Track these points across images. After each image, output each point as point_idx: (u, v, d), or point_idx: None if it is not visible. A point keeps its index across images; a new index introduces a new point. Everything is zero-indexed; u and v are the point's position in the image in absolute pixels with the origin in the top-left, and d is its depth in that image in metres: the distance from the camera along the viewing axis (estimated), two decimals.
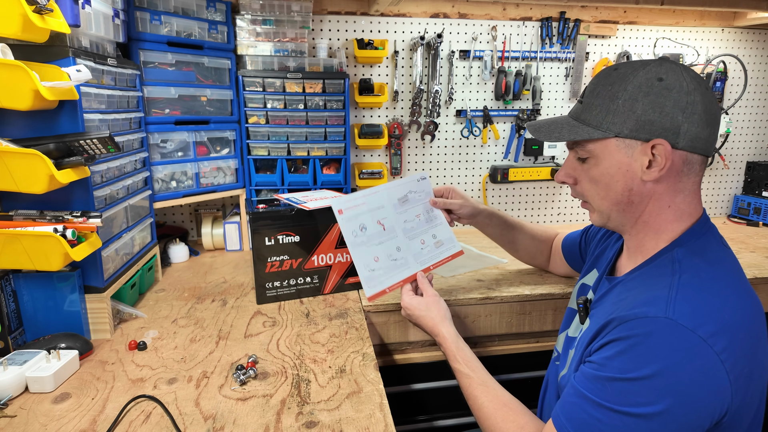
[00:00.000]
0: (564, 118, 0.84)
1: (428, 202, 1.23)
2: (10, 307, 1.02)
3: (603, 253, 0.97)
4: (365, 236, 1.13)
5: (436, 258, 1.20)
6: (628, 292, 0.76)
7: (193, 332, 1.16)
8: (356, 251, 1.11)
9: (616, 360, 0.67)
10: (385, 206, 1.18)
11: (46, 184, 0.92)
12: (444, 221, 1.24)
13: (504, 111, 2.03)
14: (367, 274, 1.11)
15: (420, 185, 1.23)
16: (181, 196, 1.60)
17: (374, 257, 1.13)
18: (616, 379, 0.66)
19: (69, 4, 1.00)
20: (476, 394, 0.89)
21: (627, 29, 2.04)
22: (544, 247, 1.37)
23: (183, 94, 1.55)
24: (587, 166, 0.80)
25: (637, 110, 0.73)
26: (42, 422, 0.83)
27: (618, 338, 0.68)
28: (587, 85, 0.82)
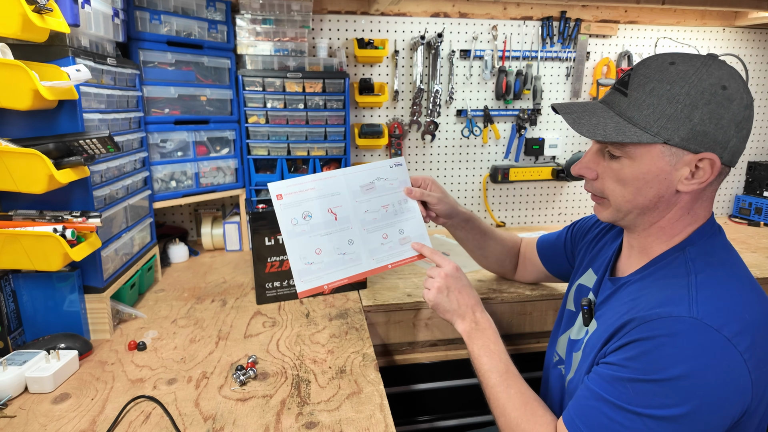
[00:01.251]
0: (600, 106, 0.76)
1: (401, 191, 1.09)
2: (9, 307, 1.02)
3: (599, 254, 0.95)
4: (308, 225, 1.00)
5: (398, 256, 1.06)
6: (641, 292, 0.74)
7: (193, 332, 1.16)
8: (292, 241, 0.99)
9: (638, 361, 0.65)
10: (342, 193, 1.04)
11: (45, 184, 0.92)
12: (417, 215, 1.10)
13: (505, 111, 2.02)
14: (303, 267, 0.99)
15: (393, 172, 1.09)
16: (180, 196, 1.60)
17: (316, 249, 1.00)
18: (640, 380, 0.64)
19: (68, 4, 0.99)
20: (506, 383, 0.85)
21: (628, 29, 2.04)
22: (512, 254, 1.31)
23: (183, 93, 1.55)
24: (617, 165, 0.74)
25: (694, 118, 0.67)
26: (42, 422, 0.83)
27: (639, 338, 0.66)
28: (632, 74, 0.73)
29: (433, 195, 1.11)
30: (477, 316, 0.96)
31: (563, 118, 0.77)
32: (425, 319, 1.31)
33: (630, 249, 0.84)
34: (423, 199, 1.11)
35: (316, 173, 1.04)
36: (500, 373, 0.86)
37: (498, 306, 1.33)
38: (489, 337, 0.93)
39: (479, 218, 1.25)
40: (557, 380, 0.93)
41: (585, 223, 1.08)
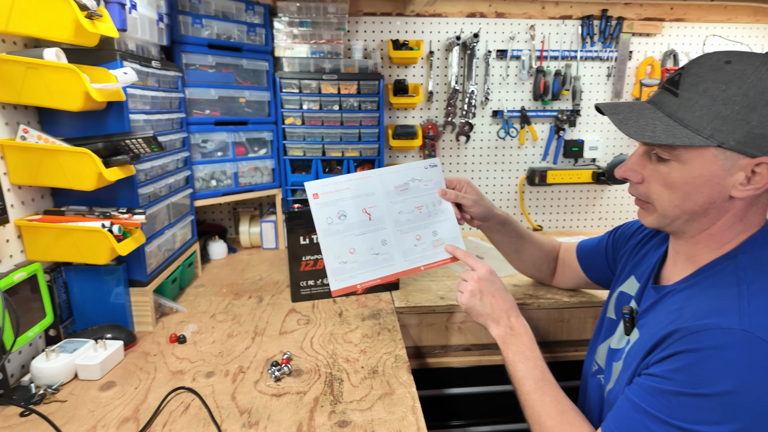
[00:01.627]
0: (648, 107, 0.73)
1: (436, 192, 1.08)
2: (61, 297, 1.08)
3: (642, 260, 0.91)
4: (343, 224, 1.01)
5: (431, 258, 1.05)
6: (687, 301, 0.71)
7: (231, 327, 1.19)
8: (327, 240, 0.99)
9: (683, 373, 0.62)
10: (377, 193, 1.04)
11: (95, 182, 0.96)
12: (451, 217, 1.08)
13: (542, 111, 1.98)
14: (337, 266, 0.99)
15: (428, 173, 1.07)
16: (220, 195, 1.64)
17: (350, 249, 1.00)
18: (685, 393, 0.61)
19: (117, 10, 1.04)
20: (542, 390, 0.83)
21: (674, 27, 1.96)
22: (551, 258, 1.27)
23: (223, 95, 1.60)
24: (665, 168, 0.71)
25: (752, 120, 0.63)
26: (89, 408, 0.87)
27: (685, 350, 0.63)
28: (683, 73, 0.70)
29: (468, 197, 1.10)
30: (512, 320, 0.94)
31: (609, 118, 0.74)
32: (458, 323, 1.29)
33: (676, 256, 0.81)
34: (458, 201, 1.10)
35: (351, 173, 1.04)
36: (536, 380, 0.84)
37: (534, 312, 1.30)
38: (524, 343, 0.90)
39: (516, 221, 1.23)
40: (596, 390, 0.90)
41: (628, 229, 1.04)
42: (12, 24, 0.89)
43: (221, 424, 0.83)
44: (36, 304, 0.95)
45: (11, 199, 0.97)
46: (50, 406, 0.88)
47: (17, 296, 0.89)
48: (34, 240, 0.99)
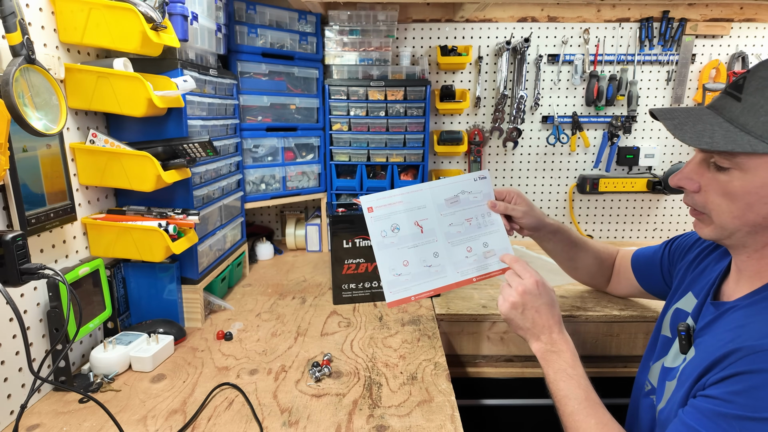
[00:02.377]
0: (708, 112, 0.69)
1: (485, 204, 1.07)
2: (119, 292, 1.14)
3: (701, 275, 0.86)
4: (396, 237, 1.02)
5: (483, 270, 1.04)
6: (749, 319, 0.66)
7: (275, 327, 1.22)
8: (382, 253, 1.01)
9: (746, 396, 0.58)
10: (428, 206, 1.05)
11: (154, 183, 1.02)
12: (501, 228, 1.07)
13: (595, 117, 1.91)
14: (391, 278, 1.00)
15: (477, 185, 1.08)
16: (269, 198, 1.70)
17: (403, 261, 1.01)
18: (747, 418, 0.58)
19: (180, 21, 1.10)
20: (585, 412, 0.78)
21: (743, 27, 1.84)
22: (606, 265, 1.23)
23: (274, 102, 1.65)
24: (725, 177, 0.67)
25: None
26: (141, 398, 0.92)
27: (747, 371, 0.59)
28: (748, 77, 0.66)
29: (518, 209, 1.08)
30: (554, 336, 0.88)
31: (663, 124, 0.70)
32: (500, 333, 1.26)
33: (739, 272, 0.75)
34: (507, 212, 1.08)
35: (404, 187, 1.06)
36: (579, 401, 0.79)
37: (582, 325, 1.25)
38: (566, 361, 0.85)
39: (569, 229, 1.20)
40: (648, 411, 0.85)
41: (685, 241, 0.98)
42: (87, 36, 0.97)
43: (263, 421, 0.85)
44: (97, 298, 1.02)
45: (79, 199, 1.04)
46: (106, 395, 0.93)
47: (81, 289, 0.96)
48: (97, 237, 1.06)
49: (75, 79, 0.98)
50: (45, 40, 0.94)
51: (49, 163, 0.92)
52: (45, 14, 0.94)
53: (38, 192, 0.89)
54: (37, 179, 0.89)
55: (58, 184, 0.95)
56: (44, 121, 0.83)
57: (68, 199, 0.98)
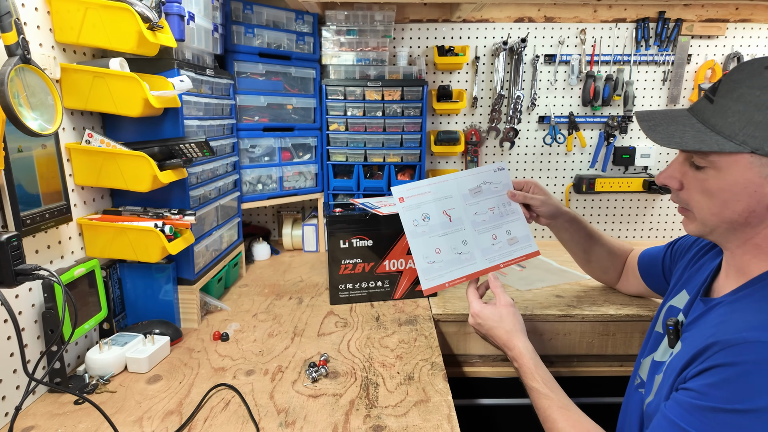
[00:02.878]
0: (684, 113, 0.72)
1: (505, 194, 1.13)
2: (115, 293, 1.14)
3: (696, 274, 0.88)
4: (427, 226, 1.07)
5: (508, 256, 1.10)
6: (731, 315, 0.68)
7: (271, 327, 1.22)
8: (415, 241, 1.06)
9: (721, 389, 0.60)
10: (454, 196, 1.11)
11: (150, 184, 1.02)
12: (521, 217, 1.14)
13: (592, 117, 1.92)
14: (426, 265, 1.05)
15: (497, 176, 1.14)
16: (265, 198, 1.69)
17: (436, 249, 1.06)
18: (722, 410, 0.59)
19: (177, 21, 1.10)
20: (555, 417, 0.82)
21: (739, 28, 1.85)
22: (618, 262, 1.26)
23: (271, 102, 1.65)
24: (702, 175, 0.70)
25: None
26: (137, 400, 0.92)
27: (723, 364, 0.61)
28: (723, 80, 0.69)
29: (536, 197, 1.14)
30: (513, 353, 0.94)
31: (639, 126, 0.74)
32: None
33: (728, 269, 0.77)
34: (525, 201, 1.15)
35: (431, 177, 1.12)
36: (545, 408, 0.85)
37: (578, 325, 1.25)
38: (527, 375, 0.90)
39: (586, 221, 1.24)
40: (637, 404, 0.86)
41: (686, 241, 1.01)
42: (83, 36, 0.96)
43: (259, 422, 0.85)
44: (92, 299, 1.02)
45: (75, 199, 1.04)
46: (101, 396, 0.93)
47: (76, 290, 0.96)
48: (93, 238, 1.06)
49: (71, 79, 0.98)
50: (41, 40, 0.93)
51: (44, 164, 0.92)
52: (41, 14, 0.93)
53: (33, 192, 0.89)
54: (32, 179, 0.89)
55: (53, 184, 0.95)
56: (40, 121, 0.82)
57: (64, 199, 0.97)
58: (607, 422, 0.94)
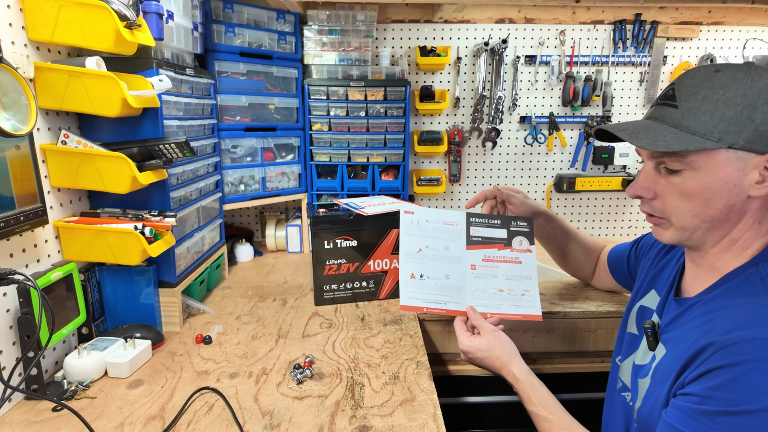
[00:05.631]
0: (652, 123, 0.73)
1: (518, 258, 1.11)
2: (94, 297, 1.12)
3: (661, 272, 0.89)
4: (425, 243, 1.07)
5: (503, 309, 1.05)
6: (715, 313, 0.69)
7: (255, 329, 1.20)
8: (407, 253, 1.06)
9: (725, 390, 0.60)
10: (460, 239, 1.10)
11: (129, 185, 1.00)
12: (534, 278, 1.09)
13: (572, 117, 1.95)
14: (409, 280, 1.04)
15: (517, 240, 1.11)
16: (248, 199, 1.68)
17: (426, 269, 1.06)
18: (729, 413, 0.59)
19: (155, 20, 1.08)
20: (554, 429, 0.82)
21: (711, 30, 1.90)
22: (592, 258, 1.29)
23: (253, 102, 1.63)
24: (679, 179, 0.70)
25: (756, 119, 0.65)
26: (118, 405, 0.90)
27: (723, 365, 0.60)
28: (676, 87, 0.72)
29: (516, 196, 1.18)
30: (509, 379, 0.93)
31: (619, 136, 0.74)
32: None
33: (695, 268, 0.78)
34: (505, 198, 1.18)
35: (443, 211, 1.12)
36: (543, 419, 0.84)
37: (561, 322, 1.27)
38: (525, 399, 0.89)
39: (562, 220, 1.28)
40: (622, 408, 0.87)
41: (650, 239, 1.02)
42: (57, 34, 0.94)
43: (244, 425, 0.84)
44: (70, 303, 0.99)
45: (51, 201, 1.01)
46: (81, 402, 0.91)
47: (53, 294, 0.93)
48: (70, 240, 1.03)
49: (45, 79, 0.95)
50: (13, 38, 0.91)
51: (18, 165, 0.89)
52: (13, 11, 0.91)
53: (7, 195, 0.86)
54: (5, 181, 0.86)
55: (28, 186, 0.92)
56: (12, 121, 0.80)
57: (39, 201, 0.95)
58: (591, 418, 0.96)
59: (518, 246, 1.11)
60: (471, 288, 1.06)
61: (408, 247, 1.07)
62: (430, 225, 1.09)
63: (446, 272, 1.06)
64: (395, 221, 1.31)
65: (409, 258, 1.06)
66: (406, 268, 1.05)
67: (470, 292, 1.06)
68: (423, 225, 1.09)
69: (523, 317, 1.05)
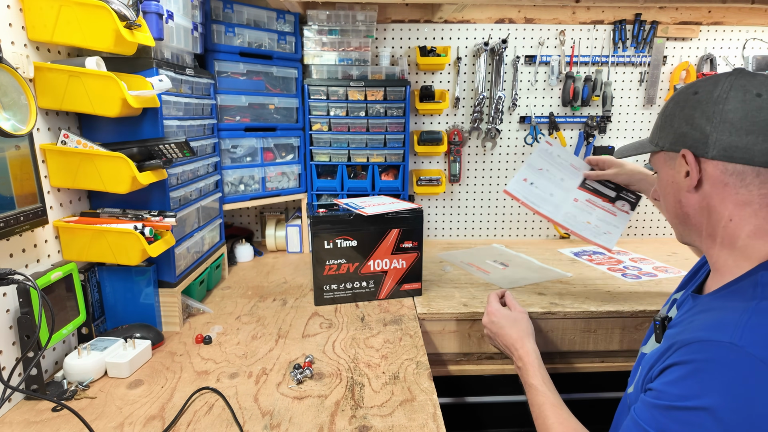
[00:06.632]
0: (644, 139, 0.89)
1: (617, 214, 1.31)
2: (94, 297, 1.12)
3: (700, 269, 0.92)
4: (545, 164, 1.31)
5: (583, 232, 1.27)
6: (700, 315, 0.71)
7: (255, 329, 1.20)
8: (531, 163, 1.31)
9: (674, 386, 0.63)
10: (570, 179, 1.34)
11: (129, 185, 1.00)
12: (622, 218, 1.30)
13: (572, 117, 1.95)
14: (521, 180, 1.29)
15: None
16: (248, 199, 1.68)
17: (537, 178, 1.30)
18: (674, 407, 0.61)
19: (155, 20, 1.08)
20: (547, 413, 0.86)
21: (711, 30, 1.90)
22: None
23: (253, 102, 1.63)
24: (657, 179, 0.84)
25: (674, 124, 0.77)
26: (118, 405, 0.90)
27: (677, 363, 0.64)
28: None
29: (607, 173, 1.29)
30: (520, 353, 1.01)
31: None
32: (481, 331, 1.27)
33: (711, 267, 0.80)
34: (601, 178, 1.31)
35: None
36: (539, 405, 0.89)
37: (560, 321, 1.27)
38: (530, 373, 0.96)
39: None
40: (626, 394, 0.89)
41: None
42: (57, 34, 0.94)
43: (244, 425, 0.84)
44: (70, 303, 0.99)
45: (51, 201, 1.01)
46: (81, 402, 0.91)
47: (53, 295, 0.93)
48: (70, 241, 1.03)
49: (45, 79, 0.95)
50: (13, 38, 0.91)
51: (18, 165, 0.89)
52: (13, 11, 0.91)
53: (7, 195, 0.86)
54: (5, 182, 0.86)
55: (27, 186, 0.92)
56: (12, 121, 0.80)
57: (39, 201, 0.95)
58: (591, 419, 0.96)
59: (620, 206, 1.31)
60: (565, 210, 1.29)
61: (534, 164, 1.30)
62: (560, 159, 1.32)
63: (552, 192, 1.30)
64: (395, 221, 1.32)
65: (530, 171, 1.30)
66: (523, 173, 1.29)
67: (563, 213, 1.28)
68: (554, 156, 1.32)
69: (595, 243, 1.27)
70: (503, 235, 2.06)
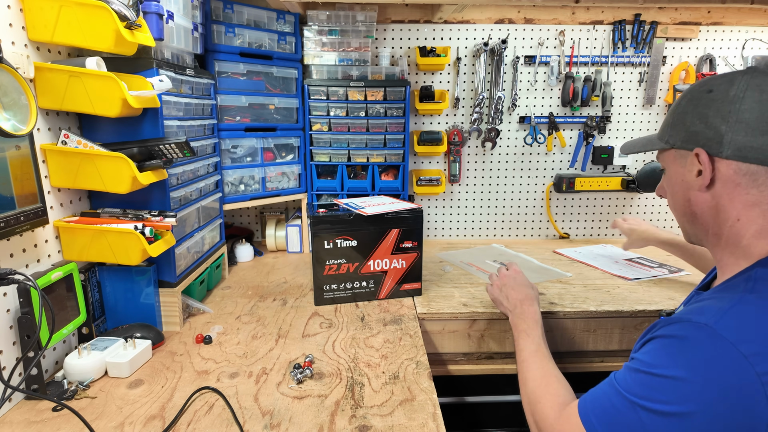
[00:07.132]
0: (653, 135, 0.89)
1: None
2: (94, 296, 1.12)
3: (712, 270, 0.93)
4: None
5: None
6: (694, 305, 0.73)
7: (255, 329, 1.21)
8: None
9: (647, 355, 0.67)
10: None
11: (129, 185, 1.00)
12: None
13: (571, 118, 1.95)
14: None
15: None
16: (248, 199, 1.68)
17: None
18: (641, 371, 0.66)
19: (155, 20, 1.08)
20: (531, 360, 0.94)
21: (711, 30, 1.90)
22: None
23: (253, 102, 1.63)
24: (663, 177, 0.84)
25: (686, 122, 0.76)
26: (118, 405, 0.90)
27: (658, 336, 0.68)
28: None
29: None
30: (524, 308, 1.08)
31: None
32: (481, 331, 1.28)
33: (716, 265, 0.82)
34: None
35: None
36: (530, 352, 0.96)
37: (560, 321, 1.27)
38: (528, 324, 1.04)
39: (683, 242, 1.36)
40: None
41: None
42: (57, 35, 0.94)
43: (244, 424, 0.84)
44: (71, 303, 0.99)
45: (51, 201, 1.01)
46: (81, 402, 0.91)
47: (53, 294, 0.93)
48: (70, 241, 1.03)
49: (45, 79, 0.96)
50: (13, 38, 0.91)
51: (18, 165, 0.90)
52: (13, 11, 0.91)
53: (7, 195, 0.87)
54: (5, 181, 0.86)
55: (28, 186, 0.92)
56: (13, 121, 0.80)
57: (39, 201, 0.95)
58: None
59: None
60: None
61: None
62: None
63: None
64: (395, 221, 1.32)
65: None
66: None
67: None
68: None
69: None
70: (503, 235, 2.06)
